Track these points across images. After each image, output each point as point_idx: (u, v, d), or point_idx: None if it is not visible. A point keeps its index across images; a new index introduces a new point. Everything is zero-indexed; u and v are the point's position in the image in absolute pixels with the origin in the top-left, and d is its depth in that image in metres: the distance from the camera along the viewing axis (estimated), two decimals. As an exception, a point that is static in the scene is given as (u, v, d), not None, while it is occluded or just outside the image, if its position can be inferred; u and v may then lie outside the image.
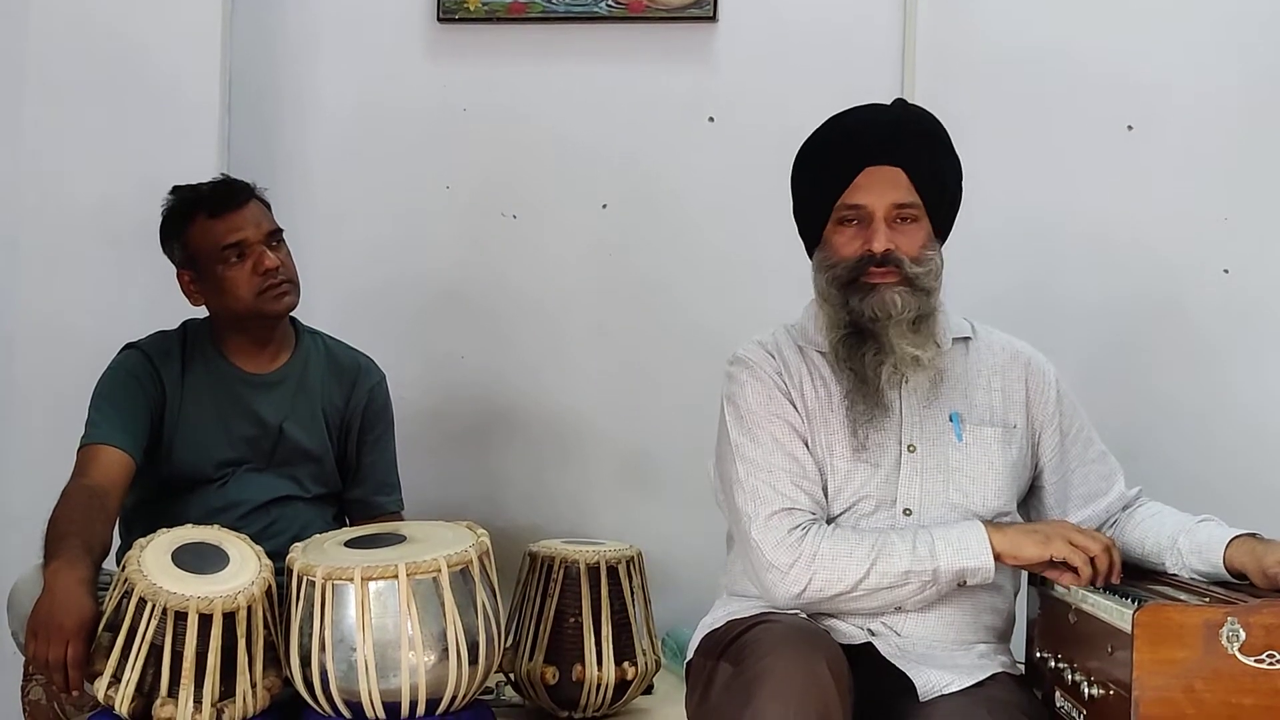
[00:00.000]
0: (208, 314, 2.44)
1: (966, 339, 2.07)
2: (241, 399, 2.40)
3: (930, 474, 1.96)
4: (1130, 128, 2.90)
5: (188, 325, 2.46)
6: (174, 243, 2.38)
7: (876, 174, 1.95)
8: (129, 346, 2.39)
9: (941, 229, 2.01)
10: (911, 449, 1.97)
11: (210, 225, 2.32)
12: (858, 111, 2.03)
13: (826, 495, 1.96)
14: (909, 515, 1.94)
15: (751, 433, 1.97)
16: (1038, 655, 1.95)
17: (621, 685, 2.29)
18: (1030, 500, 2.10)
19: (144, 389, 2.32)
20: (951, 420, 1.99)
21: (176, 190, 2.41)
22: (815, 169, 2.03)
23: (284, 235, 2.41)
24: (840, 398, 1.97)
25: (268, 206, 2.42)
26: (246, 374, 2.41)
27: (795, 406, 1.99)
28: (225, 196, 2.35)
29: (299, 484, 2.43)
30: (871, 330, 1.93)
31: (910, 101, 2.08)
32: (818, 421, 1.98)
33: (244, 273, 2.32)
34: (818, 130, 2.05)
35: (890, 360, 1.92)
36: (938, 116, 2.05)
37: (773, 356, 2.03)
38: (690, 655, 2.03)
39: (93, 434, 2.25)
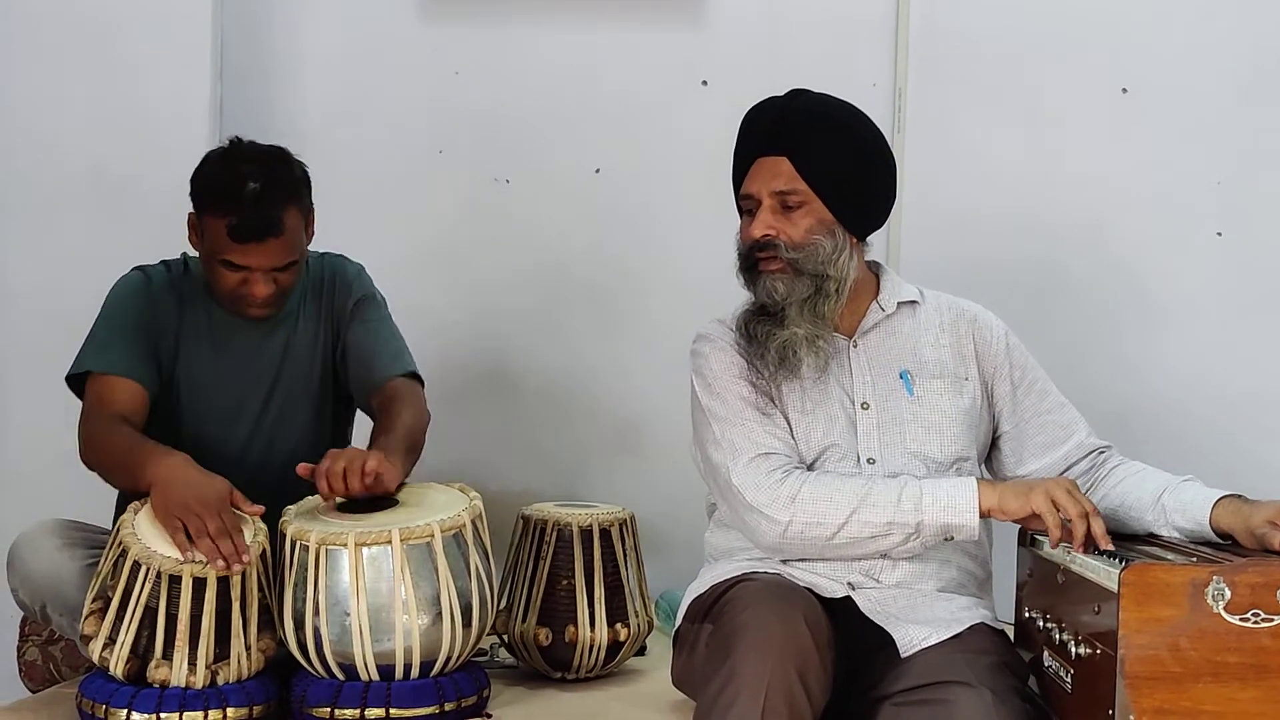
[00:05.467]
0: None
1: (914, 302, 2.13)
2: (234, 343, 2.31)
3: (886, 428, 2.02)
4: (1125, 90, 2.89)
5: (189, 259, 2.34)
6: (194, 199, 2.20)
7: (763, 164, 2.04)
8: (137, 269, 2.31)
9: (846, 213, 2.02)
10: (865, 406, 2.03)
11: (222, 236, 2.13)
12: (756, 106, 2.10)
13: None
14: (872, 464, 1.99)
15: (720, 395, 2.04)
16: (1026, 615, 1.96)
17: (614, 646, 2.31)
18: (991, 452, 2.14)
19: (154, 314, 2.25)
20: (902, 378, 2.06)
21: (220, 168, 2.18)
22: (732, 164, 2.12)
23: (298, 261, 2.23)
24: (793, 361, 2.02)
25: (304, 212, 2.23)
26: (238, 319, 2.30)
27: (757, 368, 2.04)
28: (250, 229, 2.12)
29: (300, 432, 2.35)
30: (770, 311, 2.01)
31: (813, 91, 2.08)
32: (778, 383, 2.03)
33: (229, 281, 2.19)
34: None
35: (781, 335, 1.98)
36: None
37: (731, 330, 2.10)
38: (679, 623, 2.07)
39: (102, 360, 2.17)
